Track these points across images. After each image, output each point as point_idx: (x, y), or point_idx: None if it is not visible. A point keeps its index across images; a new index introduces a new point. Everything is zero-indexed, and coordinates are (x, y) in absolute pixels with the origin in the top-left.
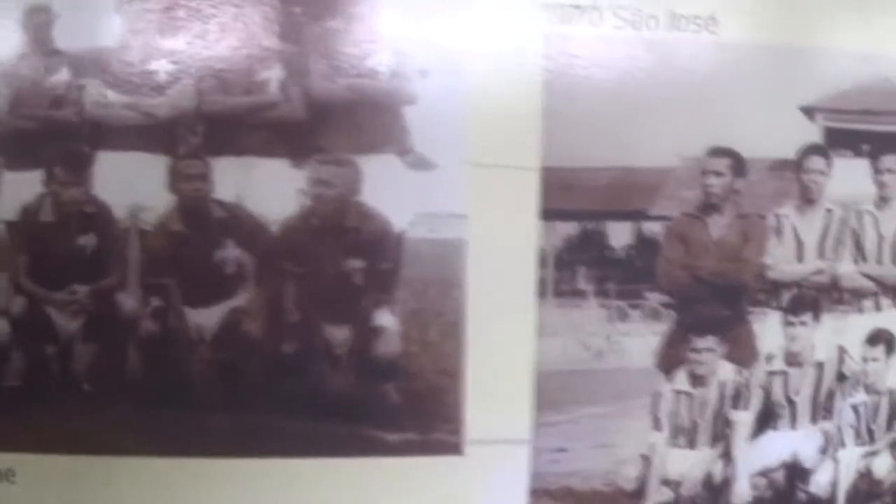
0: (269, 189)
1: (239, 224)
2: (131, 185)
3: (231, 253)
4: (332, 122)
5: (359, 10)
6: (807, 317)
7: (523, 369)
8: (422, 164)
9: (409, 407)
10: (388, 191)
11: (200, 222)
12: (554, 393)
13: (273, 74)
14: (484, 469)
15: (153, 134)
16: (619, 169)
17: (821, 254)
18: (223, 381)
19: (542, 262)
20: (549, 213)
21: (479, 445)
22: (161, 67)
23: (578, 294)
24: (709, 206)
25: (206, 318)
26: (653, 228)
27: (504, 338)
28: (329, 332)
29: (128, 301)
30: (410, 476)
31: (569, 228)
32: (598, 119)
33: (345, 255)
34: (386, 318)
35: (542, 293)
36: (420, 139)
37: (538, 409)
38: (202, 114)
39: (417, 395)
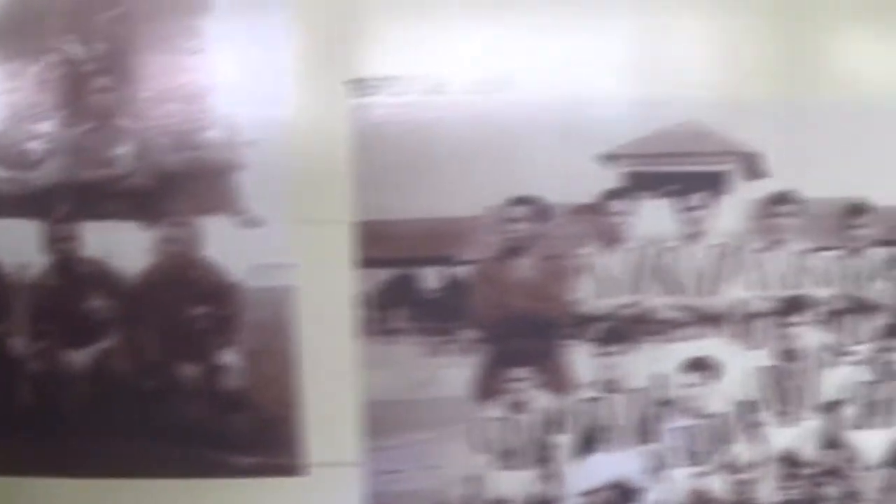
0: (126, 248)
1: (103, 278)
2: (17, 246)
3: (98, 303)
4: (175, 189)
5: (194, 93)
6: (620, 347)
7: (352, 400)
8: (253, 222)
9: (254, 434)
10: (225, 246)
11: (71, 277)
12: (382, 420)
13: (125, 150)
14: (325, 489)
15: (30, 203)
16: (427, 220)
17: (630, 288)
18: (98, 411)
19: (362, 304)
20: (366, 261)
21: (319, 468)
22: (34, 147)
23: (396, 332)
24: (514, 250)
25: (82, 357)
26: (462, 272)
27: (333, 372)
28: (182, 370)
29: (17, 344)
30: (259, 496)
31: (384, 274)
32: (406, 176)
33: (191, 303)
34: (230, 357)
35: (363, 332)
36: (251, 200)
37: (369, 435)
38: (69, 185)
39: (261, 424)
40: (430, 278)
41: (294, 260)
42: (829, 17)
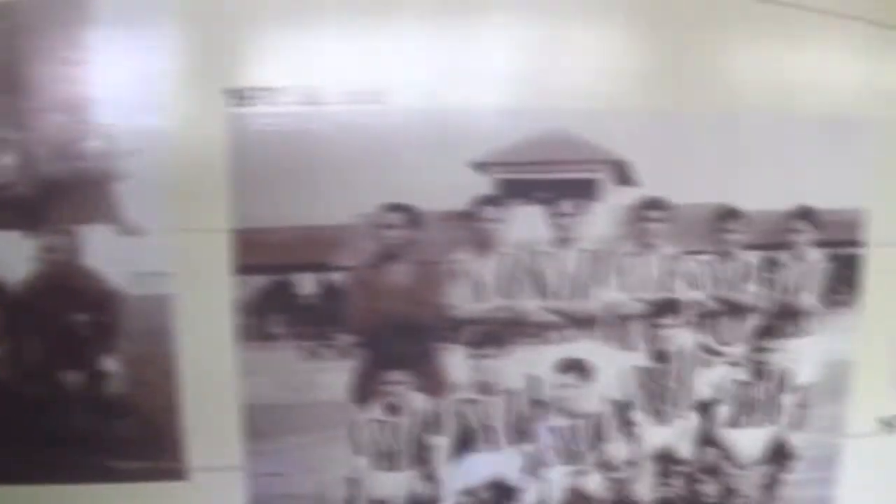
0: (8, 256)
1: None
2: None
3: None
4: (57, 198)
5: (77, 104)
6: (491, 349)
7: (232, 405)
8: (133, 230)
9: (137, 439)
10: (105, 255)
11: None
12: (262, 424)
13: (9, 160)
14: (208, 493)
15: None
16: (303, 227)
17: (503, 293)
18: None
19: (239, 311)
20: (244, 269)
21: (202, 472)
22: None
23: (273, 337)
24: (387, 256)
25: None
26: (338, 278)
27: (213, 378)
28: (65, 377)
29: None
30: (143, 500)
31: (262, 281)
32: (283, 185)
33: (73, 311)
34: (112, 364)
35: (241, 338)
36: (131, 209)
37: (250, 439)
38: None
39: (143, 429)
40: (307, 284)
41: (173, 267)
42: (698, 30)
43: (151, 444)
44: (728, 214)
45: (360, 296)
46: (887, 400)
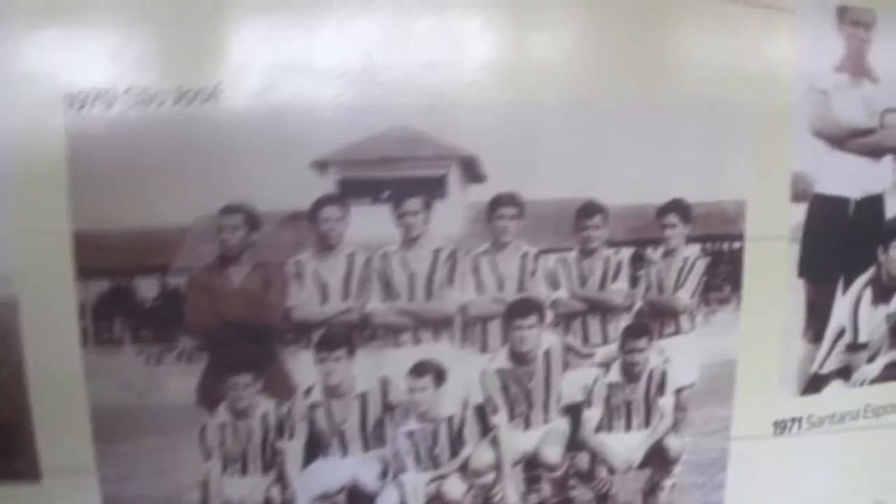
0: None
1: None
2: None
3: None
4: None
5: None
6: (340, 352)
7: (80, 407)
8: None
9: None
10: None
11: None
12: (110, 428)
13: None
14: (61, 495)
15: None
16: (141, 230)
17: (346, 295)
18: None
19: (82, 314)
20: (84, 272)
21: (54, 473)
22: None
23: (116, 341)
24: (227, 258)
25: None
26: (176, 281)
27: (59, 381)
28: None
29: None
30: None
31: (102, 285)
32: (121, 187)
33: None
34: None
35: (85, 342)
36: None
37: (99, 442)
38: None
39: None
40: (149, 288)
41: (16, 270)
42: (548, 15)
43: (4, 445)
44: (590, 209)
45: (200, 299)
46: (779, 401)
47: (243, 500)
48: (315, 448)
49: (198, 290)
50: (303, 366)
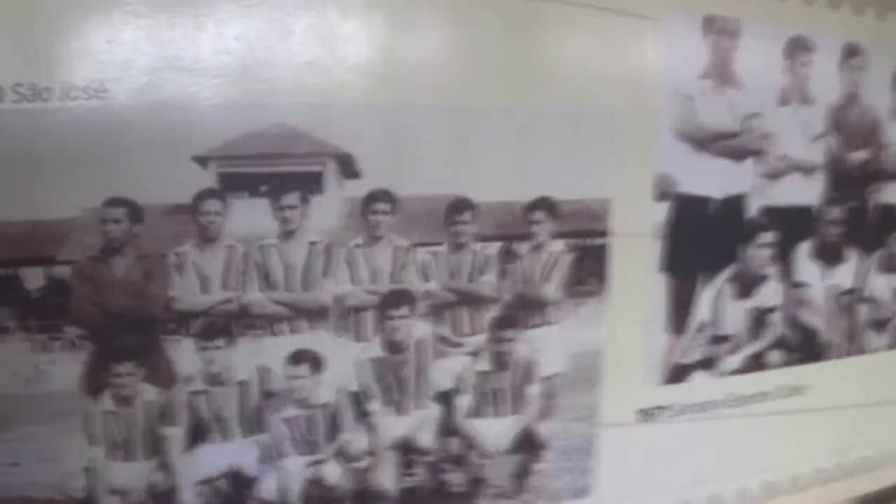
0: None
1: None
2: None
3: None
4: None
5: None
6: (220, 341)
7: None
8: None
9: None
10: None
11: None
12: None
13: None
14: None
15: None
16: (27, 222)
17: (226, 285)
18: None
19: None
20: None
21: None
22: None
23: (3, 330)
24: (110, 250)
25: None
26: (62, 272)
27: None
28: None
29: None
30: None
31: None
32: (7, 180)
33: None
34: None
35: None
36: None
37: None
38: None
39: None
40: (34, 278)
41: None
42: (426, 19)
43: None
44: (460, 206)
45: (84, 289)
46: (643, 390)
47: (127, 486)
48: (197, 434)
49: (82, 281)
50: (184, 355)
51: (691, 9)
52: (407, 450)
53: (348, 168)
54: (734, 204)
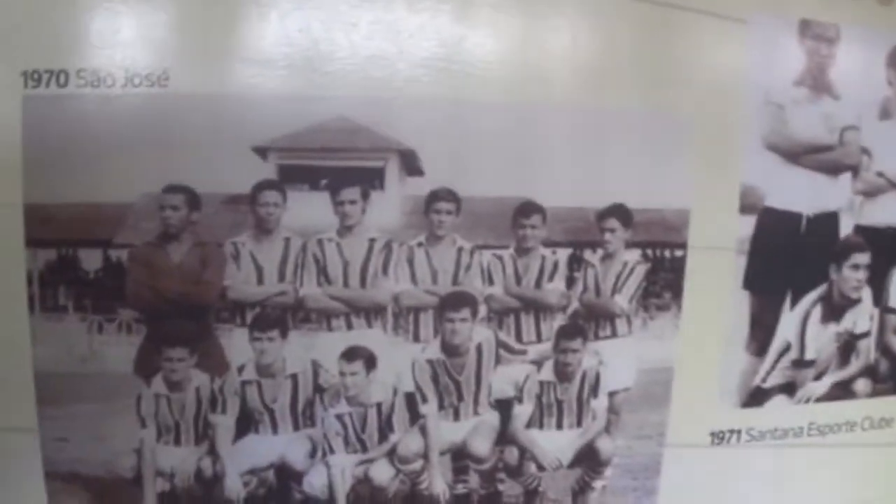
0: None
1: None
2: None
3: None
4: None
5: None
6: (273, 333)
7: (25, 371)
8: None
9: None
10: None
11: None
12: (51, 391)
13: None
14: (3, 454)
15: None
16: (86, 204)
17: (281, 277)
18: None
19: (30, 282)
20: (34, 242)
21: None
22: None
23: (61, 309)
24: (167, 236)
25: None
26: (118, 255)
27: (5, 346)
28: None
29: None
30: None
31: (48, 254)
32: (70, 163)
33: None
34: None
35: (31, 309)
36: None
37: (40, 404)
38: None
39: None
40: (92, 259)
41: None
42: (493, 14)
43: None
44: (527, 209)
45: (140, 273)
46: (717, 411)
47: (175, 469)
48: (246, 424)
49: (138, 265)
50: (237, 344)
51: (783, 11)
52: (461, 456)
53: (411, 165)
54: (826, 221)
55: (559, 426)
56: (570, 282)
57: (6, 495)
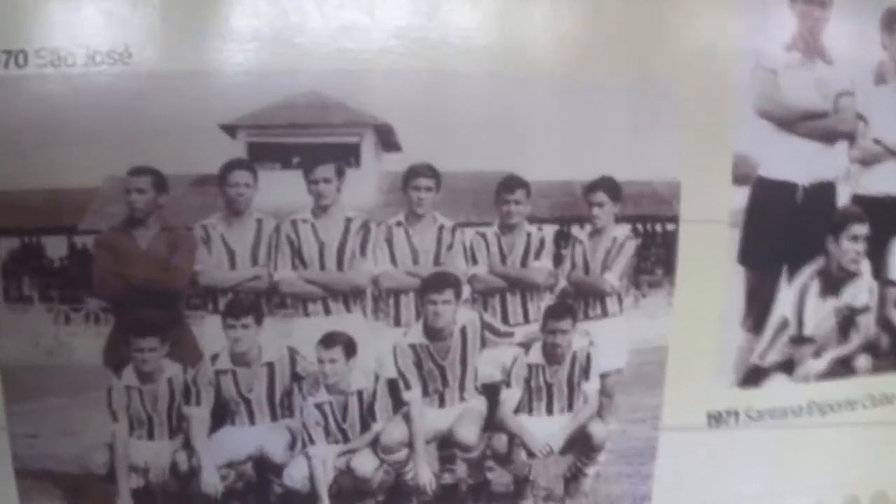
0: None
1: None
2: None
3: None
4: None
5: None
6: (248, 320)
7: None
8: None
9: None
10: None
11: None
12: (19, 385)
13: None
14: None
15: None
16: (49, 190)
17: (255, 261)
18: None
19: None
20: None
21: None
22: None
23: (25, 299)
24: (134, 220)
25: None
26: (84, 241)
27: None
28: None
29: None
30: None
31: (11, 243)
32: (28, 147)
33: None
34: None
35: None
36: None
37: (7, 399)
38: None
39: None
40: (56, 247)
41: None
42: None
43: None
44: (511, 184)
45: (107, 260)
46: (714, 392)
47: (150, 464)
48: (222, 415)
49: (104, 252)
50: (210, 332)
51: None
52: (447, 444)
53: (387, 140)
54: (822, 191)
55: (549, 411)
56: (558, 259)
57: None
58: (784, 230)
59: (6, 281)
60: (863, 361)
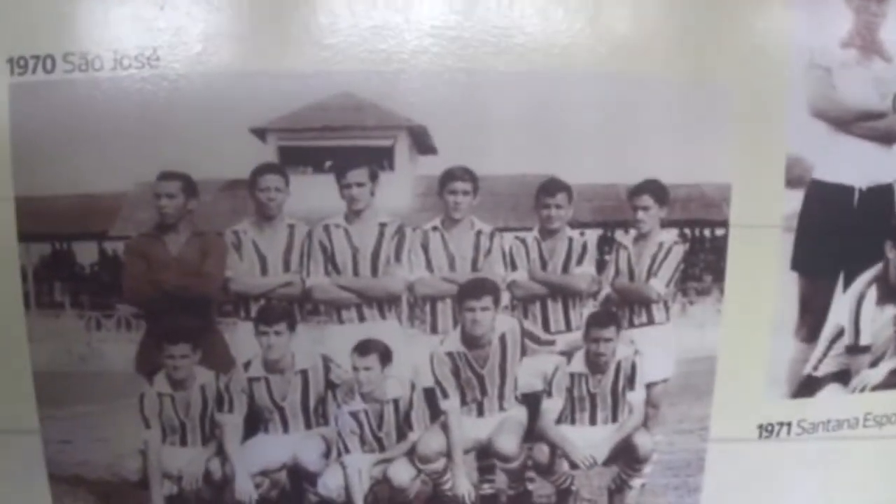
0: None
1: None
2: None
3: None
4: None
5: None
6: (280, 327)
7: (23, 370)
8: None
9: None
10: None
11: None
12: (52, 391)
13: None
14: (5, 455)
15: None
16: (79, 196)
17: (287, 267)
18: None
19: (24, 278)
20: (25, 236)
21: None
22: None
23: (57, 305)
24: (164, 226)
25: None
26: (114, 247)
27: (5, 343)
28: None
29: None
30: None
31: (42, 249)
32: (56, 152)
33: None
34: None
35: (27, 305)
36: None
37: (41, 405)
38: None
39: None
40: (87, 253)
41: None
42: None
43: None
44: (551, 187)
45: (138, 267)
46: (765, 403)
47: (183, 471)
48: (255, 423)
49: (134, 258)
50: (242, 338)
51: None
52: (486, 454)
53: (422, 142)
54: (880, 194)
55: (592, 421)
56: (601, 265)
57: (12, 499)
58: (840, 235)
59: (37, 287)
60: None
